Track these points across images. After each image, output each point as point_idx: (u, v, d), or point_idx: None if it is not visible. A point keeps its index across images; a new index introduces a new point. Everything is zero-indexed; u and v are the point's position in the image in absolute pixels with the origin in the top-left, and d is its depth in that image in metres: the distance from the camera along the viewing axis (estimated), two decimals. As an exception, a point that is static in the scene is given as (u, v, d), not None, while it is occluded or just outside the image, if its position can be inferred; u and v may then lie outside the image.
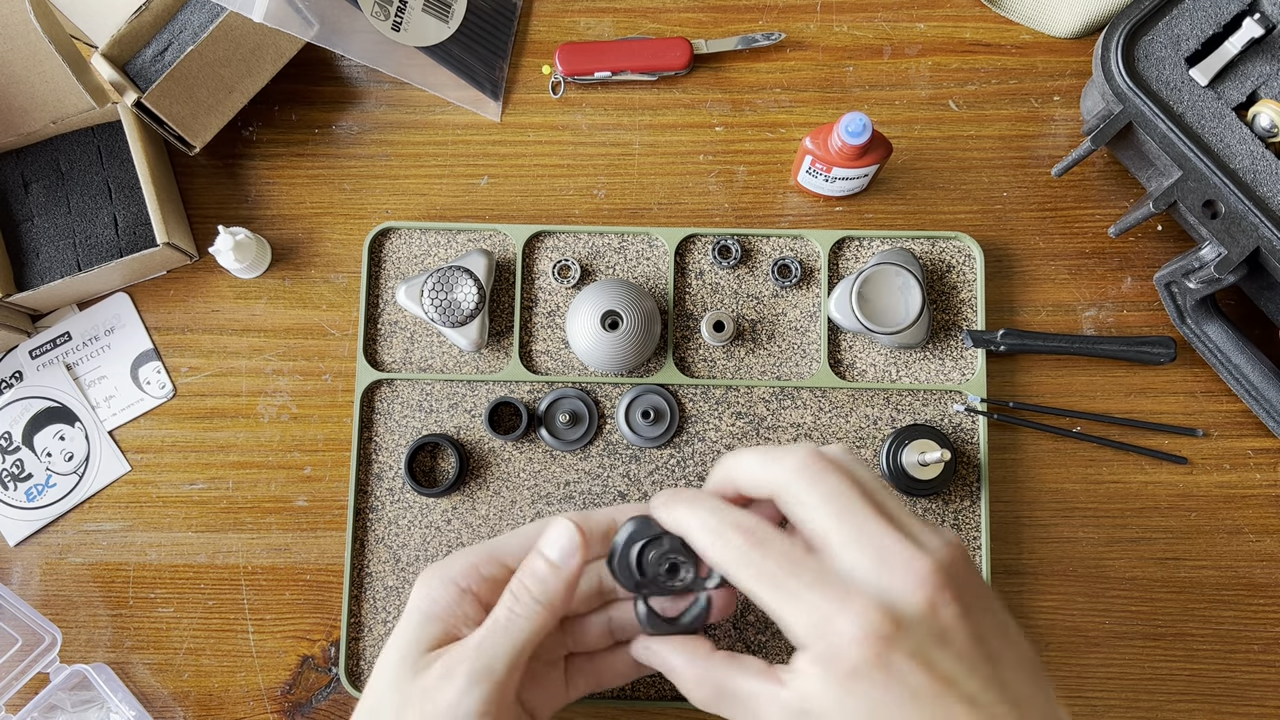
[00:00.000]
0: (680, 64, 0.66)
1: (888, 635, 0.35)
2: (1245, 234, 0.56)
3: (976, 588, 0.38)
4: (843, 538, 0.38)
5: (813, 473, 0.39)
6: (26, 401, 0.65)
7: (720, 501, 0.41)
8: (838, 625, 0.36)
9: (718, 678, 0.41)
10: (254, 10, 0.58)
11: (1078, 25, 0.66)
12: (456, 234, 0.65)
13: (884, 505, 0.39)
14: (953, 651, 0.36)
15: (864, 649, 0.35)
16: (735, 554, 0.39)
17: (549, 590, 0.43)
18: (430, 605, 0.44)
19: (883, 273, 0.60)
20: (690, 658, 0.42)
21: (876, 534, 0.37)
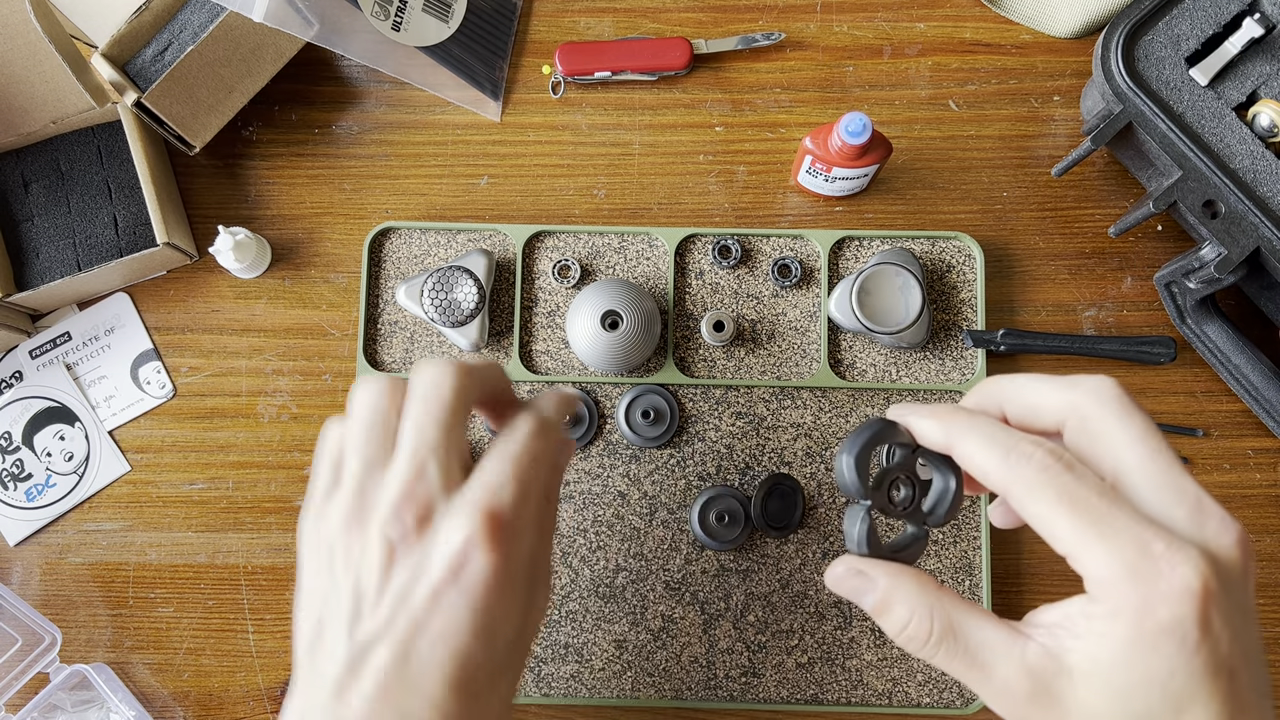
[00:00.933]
0: (680, 64, 0.66)
1: (1215, 593, 0.31)
2: (1245, 234, 0.56)
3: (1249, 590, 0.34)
4: (1154, 480, 0.33)
5: (1125, 404, 0.35)
6: (26, 401, 0.65)
7: (996, 420, 0.36)
8: (1165, 569, 0.31)
9: (949, 615, 0.35)
10: (254, 10, 0.58)
11: (1078, 25, 0.66)
12: (456, 234, 0.65)
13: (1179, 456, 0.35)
14: (1250, 628, 0.32)
15: (1193, 603, 0.30)
16: (1036, 474, 0.33)
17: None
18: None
19: (883, 273, 0.60)
20: (918, 589, 0.36)
21: (1189, 484, 0.33)
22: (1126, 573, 0.31)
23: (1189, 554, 0.31)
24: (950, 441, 0.37)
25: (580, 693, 0.61)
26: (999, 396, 0.38)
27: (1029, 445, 0.34)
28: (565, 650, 0.61)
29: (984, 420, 0.36)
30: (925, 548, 0.40)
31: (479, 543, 0.37)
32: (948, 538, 0.62)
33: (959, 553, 0.61)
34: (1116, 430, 0.34)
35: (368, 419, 0.41)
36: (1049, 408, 0.36)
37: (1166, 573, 0.31)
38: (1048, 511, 0.33)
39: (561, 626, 0.61)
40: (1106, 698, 0.31)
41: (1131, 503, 0.33)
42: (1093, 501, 0.33)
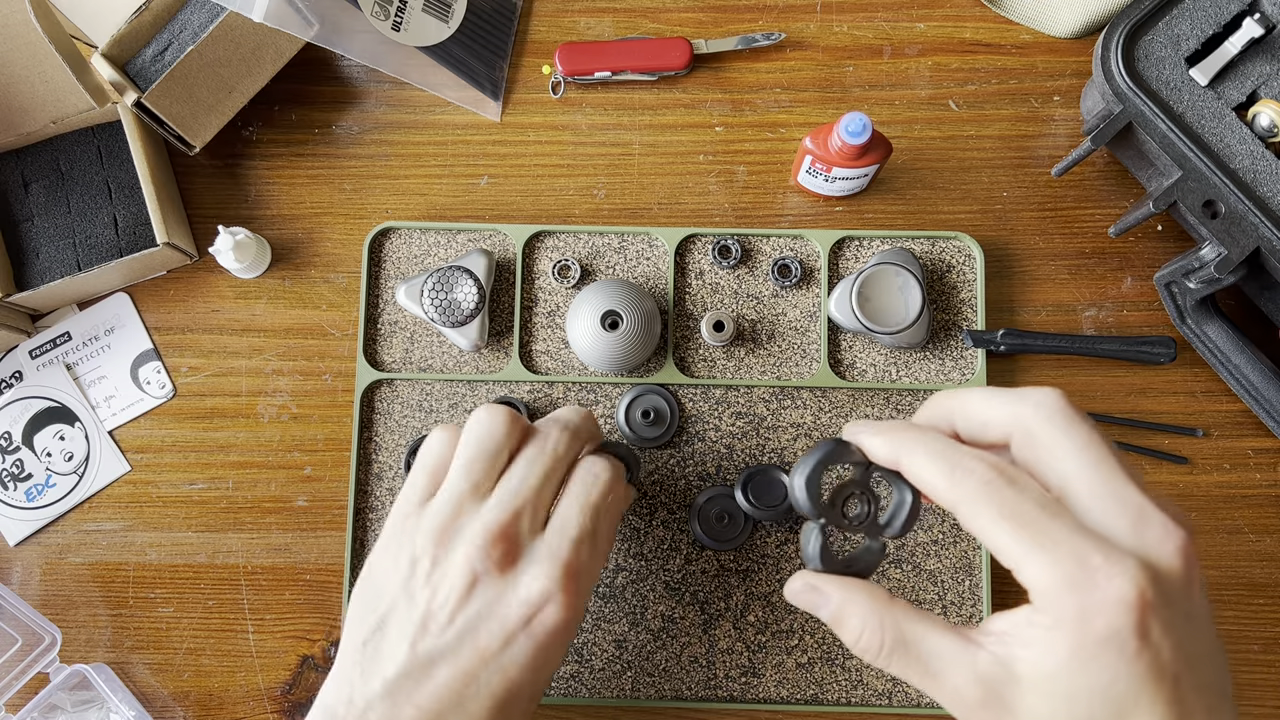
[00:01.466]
0: (680, 64, 0.66)
1: (1153, 602, 0.31)
2: (1245, 234, 0.56)
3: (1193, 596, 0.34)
4: (1096, 490, 0.34)
5: (1066, 416, 0.36)
6: (26, 401, 0.65)
7: (944, 437, 0.37)
8: (1101, 580, 0.32)
9: (900, 627, 0.37)
10: (254, 10, 0.58)
11: (1078, 25, 0.66)
12: (456, 234, 0.65)
13: (1126, 463, 0.35)
14: (1196, 632, 0.33)
15: (1129, 613, 0.31)
16: (979, 489, 0.34)
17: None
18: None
19: (883, 273, 0.60)
20: (869, 603, 0.38)
21: (1132, 494, 0.34)
22: (1066, 585, 0.32)
23: (1125, 565, 0.32)
24: (898, 458, 0.38)
25: (580, 693, 0.61)
26: (949, 411, 0.39)
27: (972, 460, 0.35)
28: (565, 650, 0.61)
29: (931, 436, 0.37)
30: (881, 560, 0.41)
31: (556, 596, 0.42)
32: (948, 538, 0.62)
33: (959, 553, 0.61)
34: (1059, 442, 0.35)
35: (483, 446, 0.45)
36: (996, 421, 0.37)
37: (1103, 584, 0.32)
38: (990, 525, 0.34)
39: (561, 626, 0.61)
40: (1053, 705, 0.32)
41: (1074, 514, 0.34)
42: (1033, 515, 0.33)
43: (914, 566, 0.61)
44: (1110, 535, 0.33)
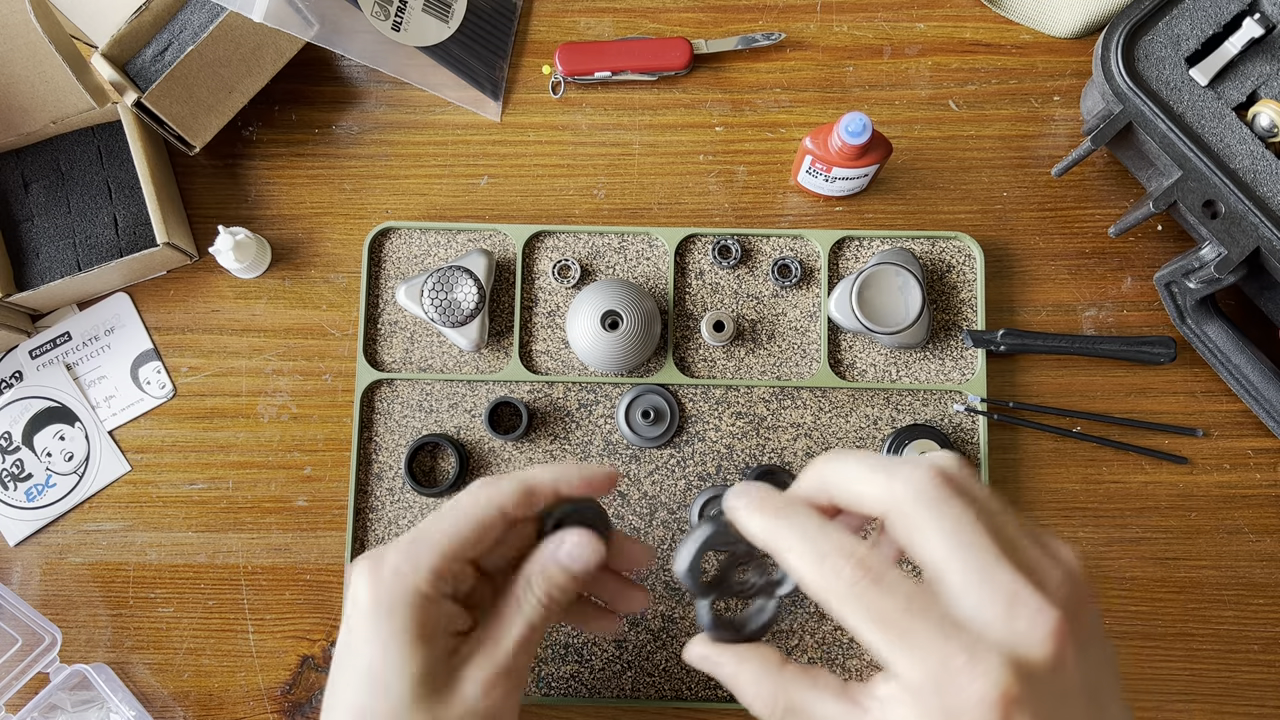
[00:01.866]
0: (680, 64, 0.66)
1: (1017, 697, 0.32)
2: (1245, 234, 0.56)
3: (1091, 619, 0.35)
4: (967, 578, 0.34)
5: (937, 499, 0.35)
6: (26, 401, 0.65)
7: (819, 517, 0.37)
8: (964, 683, 0.32)
9: (790, 696, 0.37)
10: (254, 10, 0.58)
11: (1078, 25, 0.66)
12: (456, 234, 0.65)
13: (1006, 535, 0.35)
14: (1070, 706, 0.33)
15: (991, 711, 0.32)
16: (845, 586, 0.34)
17: (568, 593, 0.44)
18: (420, 629, 0.41)
19: (883, 273, 0.60)
20: (760, 672, 0.38)
21: (1004, 577, 0.33)
22: (931, 687, 0.32)
23: (988, 665, 0.32)
24: (771, 545, 0.37)
25: (580, 693, 0.61)
26: (830, 482, 0.38)
27: (840, 559, 0.35)
28: (565, 650, 0.61)
29: (804, 520, 0.37)
30: (777, 618, 0.42)
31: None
32: (948, 538, 0.62)
33: (959, 553, 0.61)
34: (929, 527, 0.34)
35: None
36: (870, 499, 0.36)
37: (965, 686, 0.32)
38: (857, 624, 0.34)
39: (561, 626, 0.61)
40: None
41: (945, 603, 0.34)
42: (897, 615, 0.33)
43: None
44: (979, 625, 0.33)
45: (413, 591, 0.41)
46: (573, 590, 0.44)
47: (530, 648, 0.43)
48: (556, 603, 0.44)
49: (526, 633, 0.43)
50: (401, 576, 0.41)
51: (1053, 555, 0.35)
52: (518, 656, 0.43)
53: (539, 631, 0.44)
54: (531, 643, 0.43)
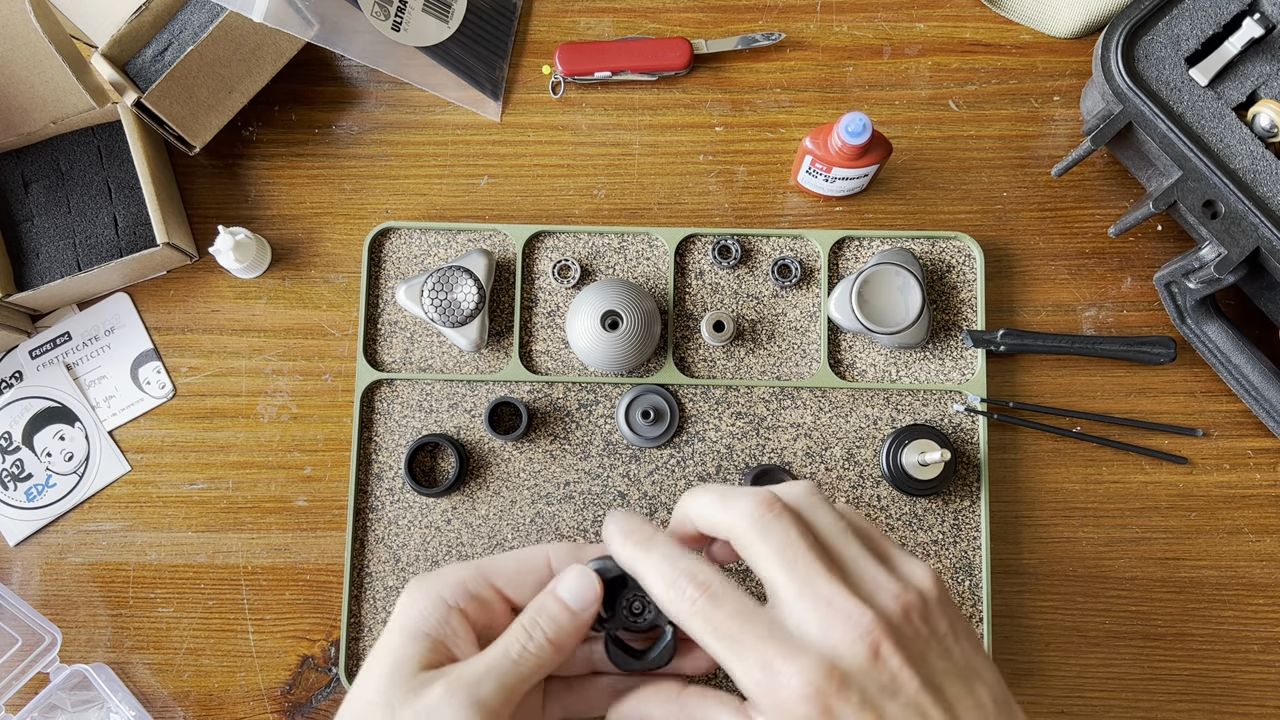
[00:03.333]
0: (680, 64, 0.66)
1: (832, 691, 0.36)
2: (1245, 234, 0.56)
3: (931, 633, 0.39)
4: (791, 592, 0.38)
5: (765, 522, 0.39)
6: (26, 401, 0.65)
7: (673, 546, 0.41)
8: (783, 681, 0.36)
9: (690, 713, 0.42)
10: (254, 10, 0.58)
11: (1078, 25, 0.66)
12: (456, 234, 0.65)
13: (838, 554, 0.39)
14: (902, 700, 0.37)
15: (809, 705, 0.36)
16: (688, 605, 0.39)
17: (563, 634, 0.43)
18: (419, 621, 0.44)
19: (883, 273, 0.60)
20: (662, 700, 0.43)
21: (824, 588, 0.38)
22: (759, 689, 0.37)
23: (800, 665, 0.36)
24: (634, 570, 0.42)
25: (580, 693, 0.61)
26: (690, 514, 0.43)
27: (684, 581, 0.39)
28: (565, 650, 0.61)
29: (657, 549, 0.41)
30: (675, 646, 0.44)
31: None
32: (948, 538, 0.62)
33: (959, 553, 0.61)
34: (760, 549, 0.39)
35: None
36: (716, 528, 0.41)
37: (784, 684, 0.36)
38: (703, 638, 0.39)
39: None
40: None
41: (775, 616, 0.38)
42: (729, 627, 0.38)
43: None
44: (800, 632, 0.37)
45: (434, 595, 0.44)
46: (569, 628, 0.43)
47: (508, 684, 0.42)
48: (550, 642, 0.43)
49: (502, 662, 0.42)
50: (432, 580, 0.45)
51: (895, 569, 0.40)
52: (486, 685, 0.41)
53: (522, 669, 0.43)
54: (510, 678, 0.42)
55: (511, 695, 0.42)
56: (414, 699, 0.41)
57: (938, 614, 0.40)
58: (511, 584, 0.46)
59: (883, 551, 0.41)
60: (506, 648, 0.43)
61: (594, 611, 0.44)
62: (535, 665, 0.43)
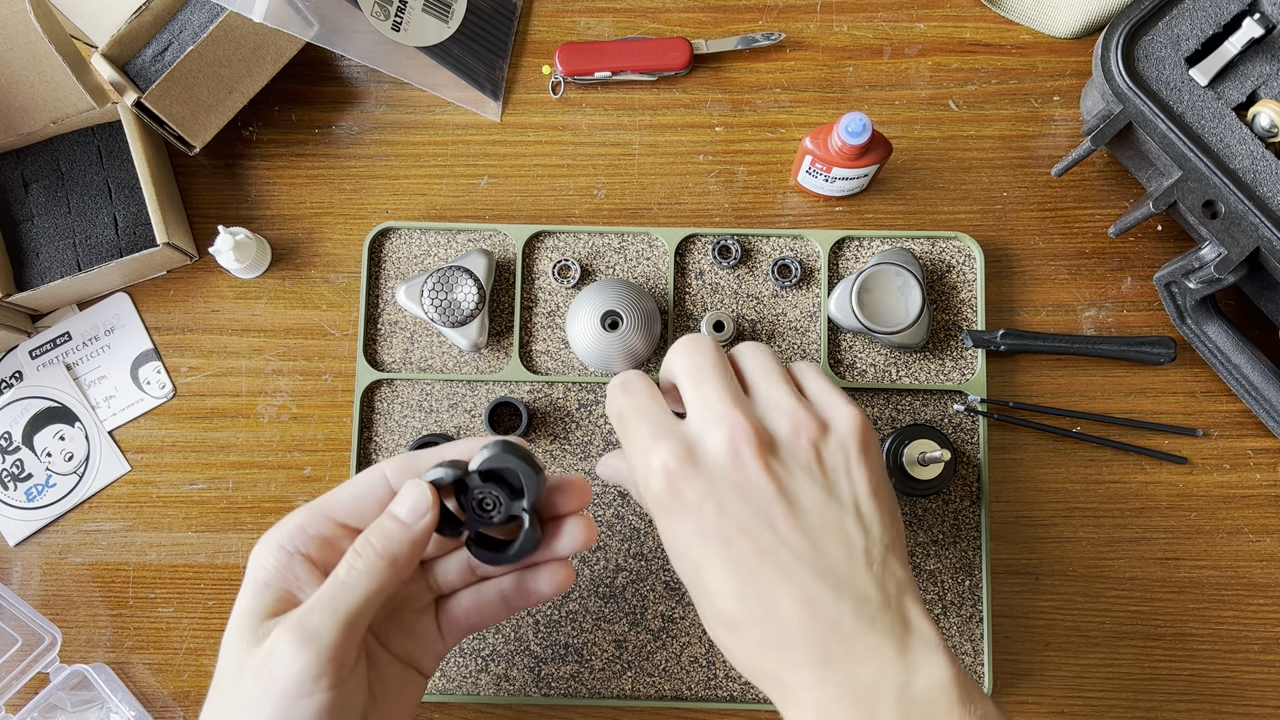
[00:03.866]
0: (680, 64, 0.66)
1: (679, 471, 0.40)
2: (1245, 234, 0.56)
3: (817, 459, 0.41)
4: (691, 400, 0.43)
5: (685, 347, 0.44)
6: (26, 401, 0.65)
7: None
8: (647, 460, 0.41)
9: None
10: (254, 10, 0.58)
11: (1078, 25, 0.66)
12: (456, 234, 0.65)
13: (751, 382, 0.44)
14: (751, 504, 0.39)
15: (660, 481, 0.40)
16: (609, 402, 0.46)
17: (393, 545, 0.43)
18: (260, 573, 0.44)
19: (883, 273, 0.60)
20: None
21: (713, 398, 0.42)
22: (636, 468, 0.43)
23: (665, 446, 0.41)
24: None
25: (580, 693, 0.61)
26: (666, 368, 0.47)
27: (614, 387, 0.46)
28: (565, 650, 0.61)
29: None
30: (539, 532, 0.46)
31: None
32: (948, 538, 0.62)
33: (959, 553, 0.61)
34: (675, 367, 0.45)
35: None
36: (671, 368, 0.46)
37: (647, 461, 0.41)
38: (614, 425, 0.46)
39: (561, 626, 0.61)
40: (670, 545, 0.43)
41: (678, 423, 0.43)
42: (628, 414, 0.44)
43: (914, 567, 0.61)
44: (682, 425, 0.42)
45: (273, 545, 0.44)
46: (401, 539, 0.43)
47: (339, 609, 0.41)
48: (380, 556, 0.42)
49: (330, 590, 0.42)
50: (272, 531, 0.45)
51: (814, 403, 0.43)
52: (314, 615, 0.41)
53: (353, 590, 0.42)
54: (341, 603, 0.41)
55: (347, 620, 0.41)
56: (254, 649, 0.42)
57: (837, 448, 0.41)
58: (354, 514, 0.45)
59: (811, 389, 0.44)
60: (336, 574, 0.42)
61: (429, 520, 0.43)
62: (366, 584, 0.42)
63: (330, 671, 0.40)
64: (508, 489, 0.44)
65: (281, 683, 0.40)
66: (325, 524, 0.45)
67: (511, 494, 0.44)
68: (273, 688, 0.40)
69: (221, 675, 0.43)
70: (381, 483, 0.46)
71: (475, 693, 0.61)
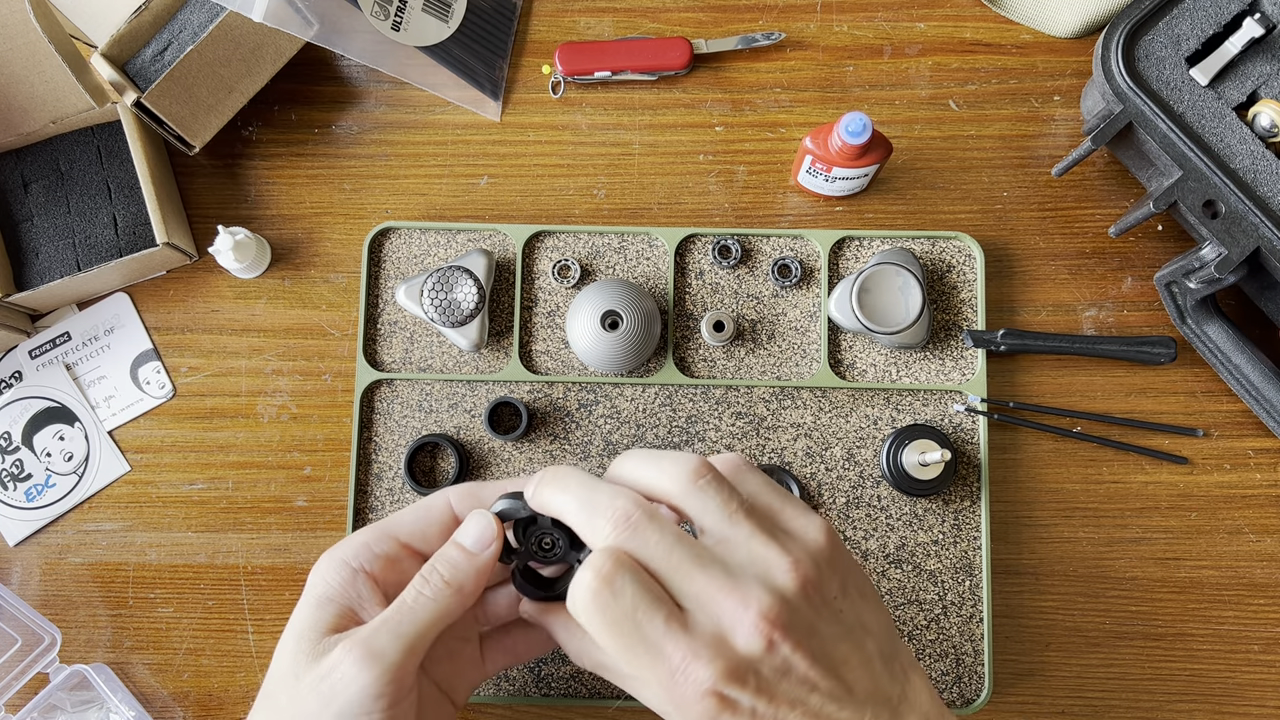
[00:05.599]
0: (680, 64, 0.66)
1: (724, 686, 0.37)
2: (1245, 234, 0.56)
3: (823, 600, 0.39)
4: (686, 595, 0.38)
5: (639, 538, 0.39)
6: (26, 401, 0.65)
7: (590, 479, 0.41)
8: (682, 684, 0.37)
9: (594, 657, 0.43)
10: (254, 10, 0.58)
11: (1078, 25, 0.66)
12: (456, 234, 0.65)
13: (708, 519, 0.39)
14: (793, 679, 0.38)
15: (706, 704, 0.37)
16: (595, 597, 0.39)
17: (459, 574, 0.43)
18: (324, 588, 0.44)
19: (883, 273, 0.60)
20: (570, 634, 0.44)
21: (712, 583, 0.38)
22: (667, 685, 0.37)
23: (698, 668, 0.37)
24: (548, 506, 0.42)
25: (580, 693, 0.61)
26: (618, 477, 0.43)
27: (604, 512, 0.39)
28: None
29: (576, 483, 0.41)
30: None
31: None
32: (948, 538, 0.62)
33: (959, 553, 0.61)
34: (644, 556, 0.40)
35: None
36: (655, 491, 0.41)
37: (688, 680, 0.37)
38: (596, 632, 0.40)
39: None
40: None
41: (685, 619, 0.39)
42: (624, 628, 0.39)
43: (914, 567, 0.61)
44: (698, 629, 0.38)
45: (338, 561, 0.45)
46: (467, 568, 0.43)
47: (404, 633, 0.42)
48: (447, 584, 0.43)
49: (398, 613, 0.42)
50: (337, 547, 0.45)
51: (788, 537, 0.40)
52: (381, 636, 0.41)
53: (420, 615, 0.42)
54: (407, 626, 0.42)
55: (411, 644, 0.42)
56: (315, 663, 0.42)
57: (829, 575, 0.40)
58: (417, 536, 0.46)
59: (774, 520, 0.41)
60: (404, 598, 0.43)
61: (493, 550, 0.44)
62: (432, 610, 0.42)
63: (389, 693, 0.41)
64: (569, 537, 0.44)
65: (342, 700, 0.41)
66: (389, 543, 0.45)
67: (572, 543, 0.44)
68: (332, 704, 0.41)
69: (275, 684, 0.43)
70: (445, 508, 0.47)
71: (475, 692, 0.61)
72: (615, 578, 0.38)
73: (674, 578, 0.38)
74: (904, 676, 0.41)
